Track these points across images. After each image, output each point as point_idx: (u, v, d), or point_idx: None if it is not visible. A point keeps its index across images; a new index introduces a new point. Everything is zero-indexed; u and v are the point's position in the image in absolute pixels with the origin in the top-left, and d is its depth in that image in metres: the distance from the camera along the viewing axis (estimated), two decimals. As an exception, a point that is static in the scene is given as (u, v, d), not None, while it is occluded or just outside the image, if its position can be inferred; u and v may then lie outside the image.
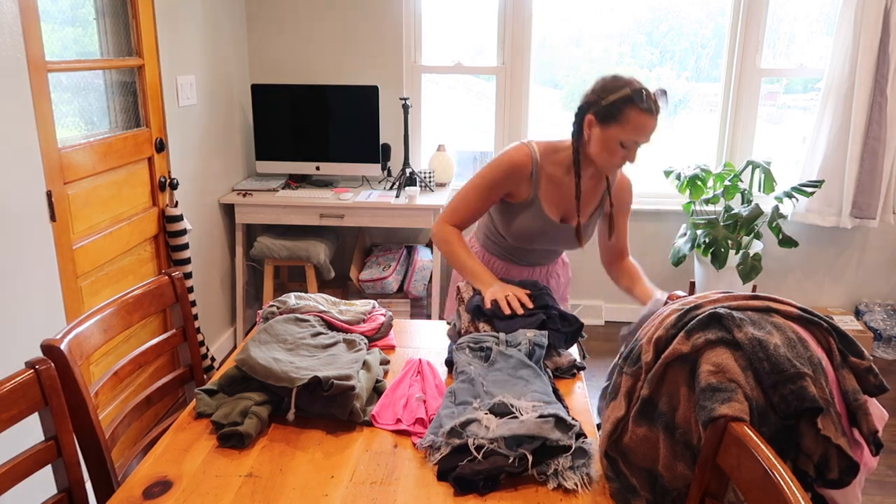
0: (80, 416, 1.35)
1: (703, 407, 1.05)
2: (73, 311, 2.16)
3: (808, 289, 3.84)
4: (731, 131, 3.69)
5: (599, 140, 1.74)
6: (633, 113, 1.68)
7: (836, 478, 1.07)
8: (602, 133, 1.73)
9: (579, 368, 1.64)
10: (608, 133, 1.72)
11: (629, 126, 1.69)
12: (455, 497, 1.19)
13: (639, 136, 1.71)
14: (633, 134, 1.70)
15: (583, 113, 1.77)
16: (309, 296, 1.83)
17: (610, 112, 1.70)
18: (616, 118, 1.70)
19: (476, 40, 3.77)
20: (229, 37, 3.42)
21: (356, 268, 3.56)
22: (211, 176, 3.26)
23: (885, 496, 2.47)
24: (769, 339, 1.09)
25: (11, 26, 1.87)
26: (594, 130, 1.75)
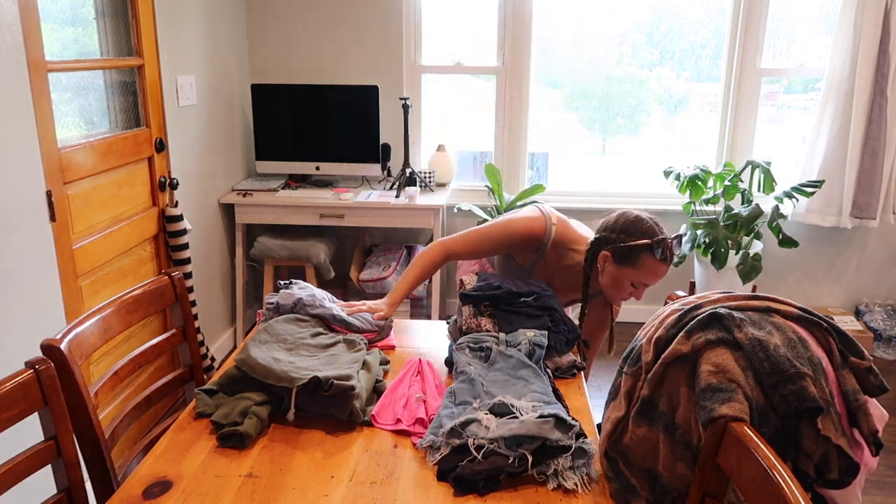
0: (80, 416, 1.35)
1: (703, 407, 1.05)
2: (72, 311, 2.16)
3: (808, 289, 3.84)
4: (731, 131, 3.69)
5: (611, 276, 1.81)
6: (650, 261, 1.74)
7: (836, 478, 1.07)
8: (616, 271, 1.80)
9: (579, 368, 1.64)
10: (622, 272, 1.79)
11: (643, 271, 1.76)
12: (455, 497, 1.19)
13: (651, 281, 1.78)
14: (647, 279, 1.78)
15: (599, 246, 1.82)
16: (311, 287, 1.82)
17: (627, 255, 1.76)
18: (632, 262, 1.76)
19: (476, 40, 3.77)
20: (229, 37, 3.42)
21: (356, 268, 3.56)
22: (211, 176, 3.26)
23: (885, 496, 2.47)
24: (769, 339, 1.09)
25: (11, 26, 1.87)
26: (608, 266, 1.81)
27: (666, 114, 3.94)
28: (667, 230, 3.97)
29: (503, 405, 1.32)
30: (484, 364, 1.52)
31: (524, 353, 1.54)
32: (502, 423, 1.26)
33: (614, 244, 1.78)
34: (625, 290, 1.81)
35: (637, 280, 1.78)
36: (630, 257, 1.76)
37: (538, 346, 1.56)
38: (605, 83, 3.87)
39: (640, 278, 1.77)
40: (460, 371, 1.50)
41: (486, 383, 1.44)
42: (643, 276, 1.77)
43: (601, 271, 1.84)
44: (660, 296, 3.89)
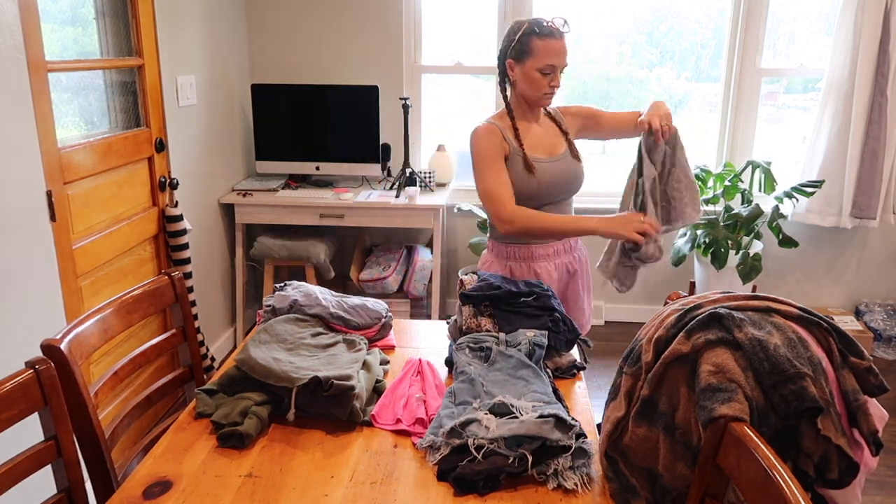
0: (80, 416, 1.35)
1: (703, 407, 1.05)
2: (72, 311, 2.16)
3: (808, 289, 3.84)
4: (731, 131, 3.69)
5: (522, 77, 1.93)
6: (539, 42, 1.87)
7: (836, 478, 1.06)
8: (522, 71, 1.92)
9: (579, 368, 1.64)
10: (524, 67, 1.91)
11: (540, 55, 1.88)
12: (455, 497, 1.19)
13: (551, 59, 1.88)
14: (549, 58, 1.88)
15: (502, 62, 1.96)
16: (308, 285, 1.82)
17: (520, 51, 1.90)
18: (527, 53, 1.89)
19: (476, 40, 3.77)
20: (229, 37, 3.42)
21: (356, 268, 3.56)
22: (211, 176, 3.26)
23: (885, 496, 2.47)
24: (769, 339, 1.09)
25: (11, 26, 1.87)
26: (516, 71, 1.94)
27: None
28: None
29: (503, 405, 1.32)
30: (484, 364, 1.52)
31: (524, 353, 1.54)
32: (502, 423, 1.26)
33: (508, 48, 1.93)
34: (540, 82, 1.91)
35: (539, 65, 1.88)
36: (524, 49, 1.89)
37: (538, 346, 1.56)
38: (605, 83, 3.87)
39: (542, 61, 1.88)
40: (460, 371, 1.50)
41: (486, 383, 1.44)
42: (543, 58, 1.88)
43: (516, 83, 1.95)
44: (660, 296, 3.89)
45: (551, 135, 2.05)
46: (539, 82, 1.91)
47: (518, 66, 1.92)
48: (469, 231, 3.82)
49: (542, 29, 1.87)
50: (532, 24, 1.88)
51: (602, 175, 4.08)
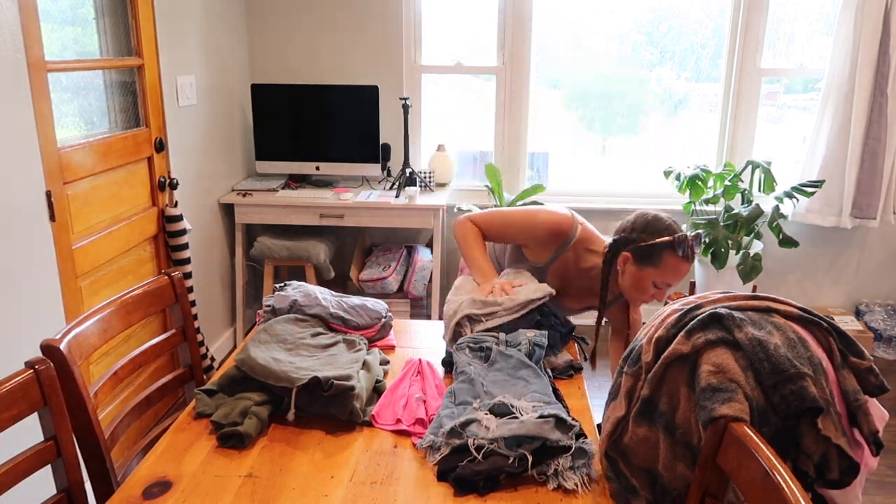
0: (80, 416, 1.35)
1: (703, 407, 1.05)
2: (72, 311, 2.16)
3: (808, 289, 3.84)
4: (731, 131, 3.69)
5: (633, 277, 1.77)
6: (672, 259, 1.70)
7: (837, 478, 1.06)
8: (637, 272, 1.75)
9: (576, 369, 1.64)
10: (644, 272, 1.75)
11: (666, 270, 1.72)
12: (455, 497, 1.19)
13: (674, 280, 1.74)
14: (669, 278, 1.73)
15: (619, 247, 1.78)
16: (307, 285, 1.82)
17: (648, 254, 1.72)
18: (654, 261, 1.72)
19: (476, 40, 3.76)
20: (229, 37, 3.42)
21: (356, 268, 3.56)
22: (211, 176, 3.26)
23: (885, 496, 2.46)
24: (769, 339, 1.08)
25: (11, 26, 1.87)
26: (629, 267, 1.77)
27: (666, 114, 3.94)
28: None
29: (503, 405, 1.32)
30: (484, 364, 1.52)
31: (524, 353, 1.54)
32: (502, 423, 1.26)
33: (635, 244, 1.74)
34: (647, 291, 1.77)
35: (660, 280, 1.74)
36: (652, 256, 1.72)
37: (538, 346, 1.56)
38: (605, 83, 3.87)
39: (663, 278, 1.73)
40: (460, 371, 1.50)
41: (486, 383, 1.44)
42: (666, 276, 1.73)
43: (621, 273, 1.80)
44: (660, 296, 3.89)
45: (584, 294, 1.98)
46: (647, 291, 1.77)
47: (635, 266, 1.75)
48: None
49: (683, 251, 1.70)
50: (677, 239, 1.70)
51: (602, 176, 4.08)
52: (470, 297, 1.71)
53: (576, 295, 1.99)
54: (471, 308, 1.68)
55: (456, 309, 1.71)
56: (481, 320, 1.67)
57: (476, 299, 1.70)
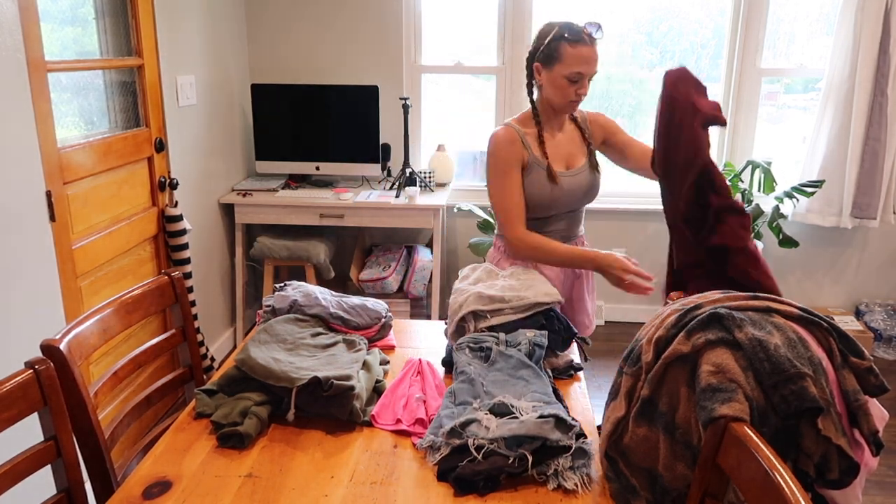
0: (80, 416, 1.35)
1: (703, 407, 1.05)
2: (72, 311, 2.16)
3: (808, 289, 3.84)
4: (732, 131, 3.69)
5: (549, 83, 1.88)
6: (568, 48, 1.82)
7: (837, 478, 1.06)
8: (549, 76, 1.87)
9: (576, 369, 1.63)
10: (554, 73, 1.86)
11: (568, 60, 1.83)
12: (455, 497, 1.19)
13: (579, 66, 1.83)
14: (575, 66, 1.83)
15: (530, 64, 1.91)
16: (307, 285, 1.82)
17: (549, 54, 1.85)
18: (556, 58, 1.84)
19: (476, 40, 3.76)
20: (229, 37, 3.42)
21: (356, 268, 3.56)
22: (211, 176, 3.26)
23: (885, 496, 2.47)
24: (769, 339, 1.08)
25: (11, 26, 1.87)
26: (543, 76, 1.88)
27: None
28: (667, 230, 3.97)
29: (503, 405, 1.32)
30: (484, 364, 1.52)
31: (524, 353, 1.54)
32: (502, 423, 1.26)
33: (537, 52, 1.88)
34: (565, 88, 1.86)
35: (567, 71, 1.83)
36: (552, 55, 1.84)
37: (538, 346, 1.56)
38: (605, 83, 3.87)
39: (570, 68, 1.83)
40: (460, 371, 1.49)
41: (486, 383, 1.44)
42: (571, 65, 1.82)
43: (542, 87, 1.91)
44: (660, 296, 3.89)
45: (573, 144, 2.02)
46: (566, 89, 1.86)
47: (546, 70, 1.86)
48: (469, 231, 3.82)
49: (573, 34, 1.81)
50: (563, 28, 1.83)
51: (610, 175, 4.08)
52: (476, 292, 1.71)
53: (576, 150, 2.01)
54: (477, 304, 1.68)
55: (462, 303, 1.71)
56: (486, 316, 1.67)
57: (483, 294, 1.70)
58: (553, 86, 1.87)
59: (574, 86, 1.85)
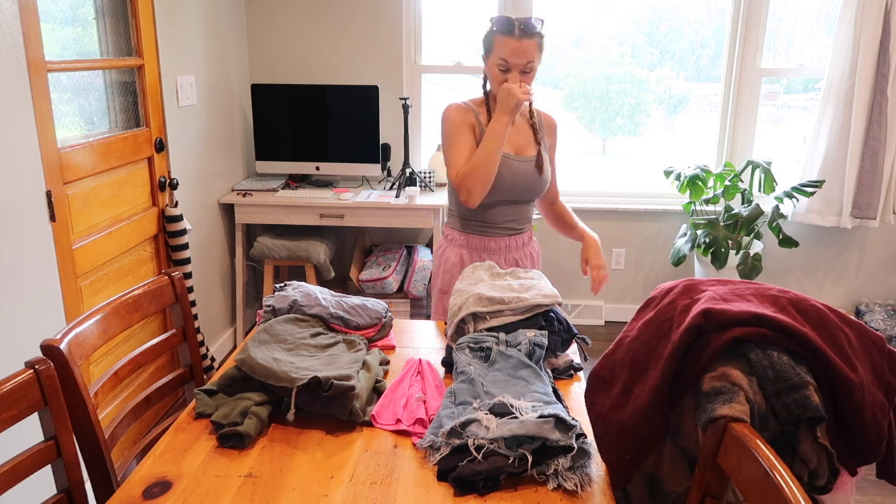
0: (80, 416, 1.35)
1: (703, 409, 1.05)
2: (72, 311, 2.16)
3: (809, 289, 3.84)
4: (732, 131, 3.69)
5: (488, 72, 2.00)
6: (499, 39, 1.92)
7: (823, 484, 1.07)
8: (487, 67, 1.99)
9: (576, 369, 1.63)
10: (490, 63, 1.97)
11: (499, 50, 1.92)
12: (455, 497, 1.19)
13: (506, 56, 1.91)
14: (504, 54, 1.91)
15: (483, 59, 2.02)
16: (307, 285, 1.82)
17: (487, 46, 1.97)
18: (489, 48, 1.96)
19: (476, 40, 3.76)
20: (229, 37, 3.42)
21: (356, 268, 3.56)
22: (211, 176, 3.26)
23: (885, 496, 2.47)
24: (773, 348, 1.08)
25: (11, 26, 1.87)
26: (486, 67, 2.00)
27: (666, 114, 3.94)
28: (667, 230, 3.97)
29: (503, 405, 1.32)
30: (484, 364, 1.52)
31: (524, 353, 1.54)
32: (502, 423, 1.26)
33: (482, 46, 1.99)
34: (497, 78, 1.95)
35: (499, 59, 1.92)
36: (489, 46, 1.96)
37: (538, 346, 1.56)
38: (605, 83, 3.87)
39: (501, 57, 1.91)
40: (460, 371, 1.49)
41: (486, 383, 1.44)
42: (501, 55, 1.91)
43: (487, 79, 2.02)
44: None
45: (523, 137, 2.09)
46: (497, 78, 1.95)
47: (486, 60, 1.99)
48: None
49: (503, 26, 1.90)
50: (496, 21, 1.93)
51: (602, 176, 4.08)
52: (476, 294, 1.71)
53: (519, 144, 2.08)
54: (476, 305, 1.68)
55: (461, 304, 1.71)
56: (486, 318, 1.67)
57: (483, 296, 1.70)
58: (490, 74, 1.98)
59: (504, 74, 1.93)
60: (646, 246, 3.82)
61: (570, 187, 3.84)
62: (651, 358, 1.16)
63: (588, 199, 3.79)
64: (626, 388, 1.18)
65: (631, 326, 1.26)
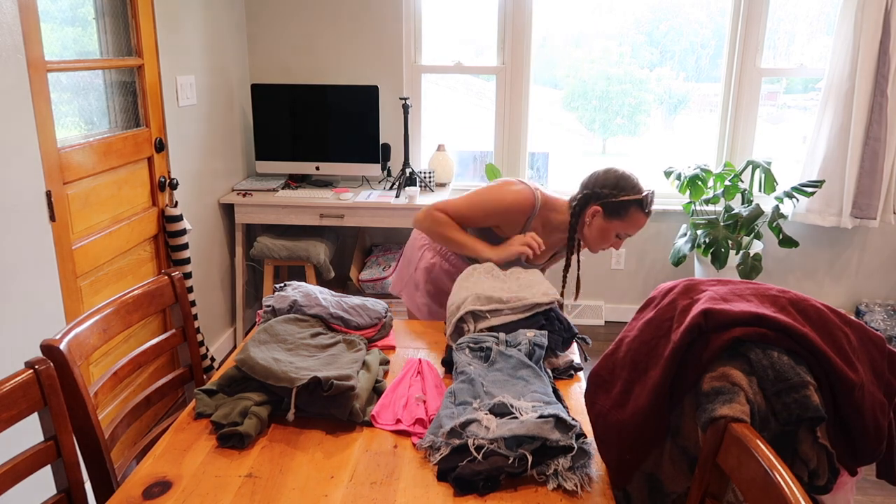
0: (80, 416, 1.35)
1: (704, 409, 1.05)
2: (72, 311, 2.16)
3: (809, 289, 3.84)
4: (732, 131, 3.69)
5: (599, 229, 1.95)
6: (638, 214, 1.92)
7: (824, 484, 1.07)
8: (605, 224, 1.94)
9: (576, 369, 1.63)
10: (610, 225, 1.93)
11: (632, 224, 1.93)
12: (455, 497, 1.19)
13: (635, 231, 1.96)
14: (632, 230, 1.95)
15: (589, 201, 1.95)
16: (307, 285, 1.82)
17: (617, 209, 1.91)
18: (621, 215, 1.92)
19: (476, 40, 3.77)
20: (229, 37, 3.42)
21: (356, 268, 3.56)
22: (211, 176, 3.26)
23: (885, 496, 2.47)
24: (773, 348, 1.08)
25: (11, 26, 1.87)
26: (596, 220, 1.95)
27: (666, 114, 3.94)
28: (667, 230, 3.98)
29: (503, 405, 1.32)
30: (484, 364, 1.52)
31: (524, 353, 1.54)
32: (502, 423, 1.26)
33: (606, 199, 1.92)
34: (611, 241, 1.97)
35: (623, 231, 1.94)
36: (620, 211, 1.91)
37: (538, 346, 1.56)
38: (605, 83, 3.87)
39: (627, 229, 1.94)
40: (460, 371, 1.49)
41: (486, 383, 1.44)
42: (630, 228, 1.94)
43: (588, 224, 1.97)
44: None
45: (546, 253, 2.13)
46: (610, 241, 1.96)
47: (603, 219, 1.93)
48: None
49: (647, 205, 1.91)
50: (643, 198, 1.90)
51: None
52: (475, 293, 1.71)
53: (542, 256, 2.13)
54: (475, 304, 1.68)
55: (460, 304, 1.71)
56: (486, 317, 1.67)
57: (481, 295, 1.70)
58: (601, 234, 1.95)
59: (618, 241, 1.97)
60: (646, 246, 3.82)
61: (570, 187, 3.84)
62: (651, 358, 1.16)
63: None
64: (627, 389, 1.18)
65: (631, 326, 1.26)
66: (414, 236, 2.28)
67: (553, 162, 3.99)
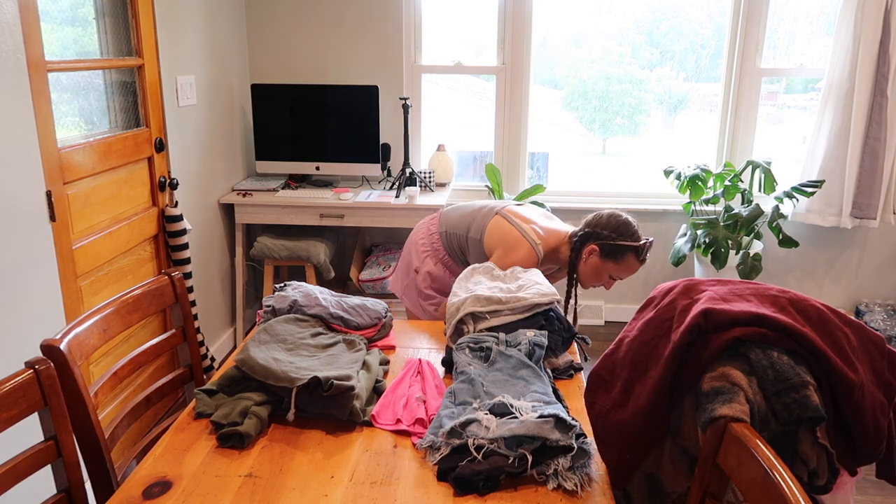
0: (80, 416, 1.35)
1: (703, 409, 1.05)
2: (72, 311, 2.16)
3: (808, 289, 3.84)
4: (731, 131, 3.69)
5: (594, 267, 2.06)
6: (632, 260, 2.03)
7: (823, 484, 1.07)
8: (599, 264, 2.05)
9: (576, 369, 1.64)
10: (605, 265, 2.04)
11: (624, 267, 2.04)
12: (455, 497, 1.19)
13: (627, 276, 2.07)
14: (625, 274, 2.05)
15: (588, 239, 2.05)
16: (307, 285, 1.82)
17: (614, 252, 2.02)
18: (617, 258, 2.02)
19: (476, 40, 3.77)
20: (229, 37, 3.42)
21: (356, 268, 3.56)
22: (211, 176, 3.26)
23: (885, 496, 2.47)
24: (773, 348, 1.08)
25: (11, 26, 1.87)
26: (592, 258, 2.05)
27: (666, 114, 3.94)
28: (667, 230, 3.98)
29: (503, 405, 1.32)
30: (484, 364, 1.52)
31: (524, 353, 1.54)
32: (502, 423, 1.26)
33: (605, 240, 2.02)
34: (602, 279, 2.08)
35: (616, 273, 2.05)
36: (616, 254, 2.01)
37: (538, 346, 1.56)
38: (605, 83, 3.87)
39: (620, 273, 2.04)
40: (460, 371, 1.50)
41: (486, 383, 1.44)
42: (623, 272, 2.04)
43: (583, 261, 2.07)
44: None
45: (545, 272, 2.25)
46: (603, 281, 2.08)
47: (599, 258, 2.03)
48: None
49: (642, 253, 2.01)
50: (642, 245, 2.00)
51: (602, 176, 4.08)
52: (474, 295, 1.71)
53: None
54: (475, 306, 1.68)
55: (459, 305, 1.71)
56: (485, 317, 1.67)
57: (481, 296, 1.70)
58: (595, 272, 2.06)
59: (610, 281, 2.09)
60: (646, 246, 3.82)
61: (570, 187, 3.84)
62: (651, 358, 1.16)
63: (588, 200, 3.79)
64: (626, 389, 1.18)
65: (631, 326, 1.26)
66: (412, 239, 2.29)
67: (553, 162, 3.99)
